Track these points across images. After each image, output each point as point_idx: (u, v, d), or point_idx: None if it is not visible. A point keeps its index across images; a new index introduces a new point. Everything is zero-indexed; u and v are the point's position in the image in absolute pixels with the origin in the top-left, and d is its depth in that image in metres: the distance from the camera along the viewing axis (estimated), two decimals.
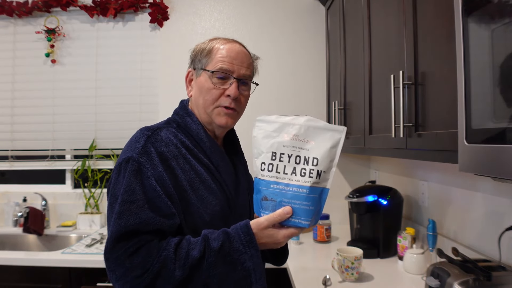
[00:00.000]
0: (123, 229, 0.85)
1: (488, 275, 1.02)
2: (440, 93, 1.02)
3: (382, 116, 1.44)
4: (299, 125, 0.89)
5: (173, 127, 1.03)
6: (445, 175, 1.60)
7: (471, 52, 0.72)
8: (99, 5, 2.50)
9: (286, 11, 2.54)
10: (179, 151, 0.97)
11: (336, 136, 0.88)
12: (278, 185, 0.88)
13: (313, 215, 0.88)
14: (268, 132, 0.90)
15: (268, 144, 0.89)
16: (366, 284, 1.47)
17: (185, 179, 0.95)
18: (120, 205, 0.87)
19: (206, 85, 1.02)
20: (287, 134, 0.89)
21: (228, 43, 1.05)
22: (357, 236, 1.93)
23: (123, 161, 0.92)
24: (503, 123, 0.65)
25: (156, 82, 2.55)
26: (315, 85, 2.52)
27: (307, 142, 0.88)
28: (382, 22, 1.46)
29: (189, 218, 0.94)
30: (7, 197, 2.57)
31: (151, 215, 0.87)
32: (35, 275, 1.87)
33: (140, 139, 0.95)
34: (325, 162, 0.87)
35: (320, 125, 0.89)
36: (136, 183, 0.88)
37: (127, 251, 0.85)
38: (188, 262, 0.85)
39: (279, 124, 0.90)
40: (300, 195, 0.86)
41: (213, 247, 0.86)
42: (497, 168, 0.65)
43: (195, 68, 1.07)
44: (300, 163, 0.87)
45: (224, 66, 1.01)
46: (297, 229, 0.89)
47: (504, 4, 0.63)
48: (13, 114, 2.60)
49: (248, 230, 0.89)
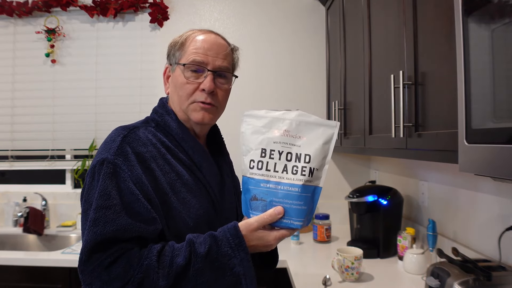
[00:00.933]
0: (99, 237, 0.78)
1: (488, 275, 1.02)
2: (440, 93, 1.02)
3: (382, 116, 1.44)
4: (290, 120, 0.84)
5: (151, 126, 0.97)
6: (445, 175, 1.60)
7: (471, 52, 0.72)
8: (99, 5, 2.50)
9: (286, 11, 2.54)
10: (158, 151, 0.90)
11: (328, 132, 0.85)
12: (269, 184, 0.83)
13: (305, 215, 0.83)
14: (257, 128, 0.85)
15: (257, 140, 0.84)
16: (366, 284, 1.47)
17: (166, 181, 0.88)
18: (95, 211, 0.79)
19: (179, 80, 0.96)
20: (278, 130, 0.84)
21: (203, 34, 0.98)
22: (357, 236, 1.93)
23: (97, 163, 0.84)
24: (503, 123, 0.65)
25: (156, 82, 2.55)
26: (315, 85, 2.52)
27: (298, 138, 0.84)
28: (382, 22, 1.46)
29: (171, 223, 0.88)
30: (7, 197, 2.57)
31: (130, 221, 0.80)
32: (35, 275, 1.87)
33: (115, 139, 0.87)
34: (317, 159, 0.83)
35: (312, 120, 0.85)
36: (112, 187, 0.81)
37: (104, 262, 0.77)
38: (172, 270, 0.78)
39: (269, 119, 0.85)
40: (292, 194, 0.82)
41: (199, 252, 0.80)
42: (497, 168, 0.65)
43: (170, 63, 1.01)
44: (291, 160, 0.83)
45: (197, 58, 0.94)
46: (288, 231, 0.84)
47: (504, 4, 0.63)
48: (13, 114, 2.60)
49: (237, 232, 0.82)
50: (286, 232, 0.84)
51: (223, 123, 1.15)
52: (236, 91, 1.26)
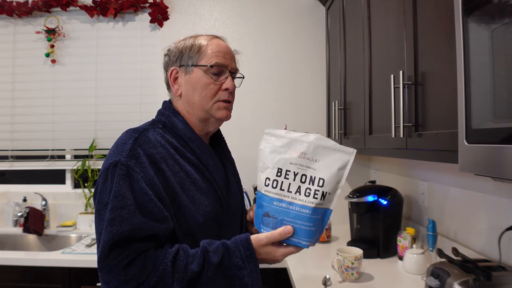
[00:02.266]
0: (116, 236, 0.82)
1: (488, 275, 1.02)
2: (440, 93, 1.02)
3: (382, 116, 1.44)
4: (308, 143, 0.87)
5: (159, 128, 1.00)
6: (445, 175, 1.60)
7: (471, 52, 0.72)
8: (99, 5, 2.50)
9: (286, 11, 2.54)
10: (167, 152, 0.94)
11: (344, 158, 0.87)
12: (281, 203, 0.86)
13: (314, 235, 0.87)
14: (276, 147, 0.88)
15: (274, 159, 0.87)
16: (366, 284, 1.47)
17: (176, 180, 0.92)
18: (110, 212, 0.84)
19: (203, 80, 1.00)
20: (295, 151, 0.87)
21: (215, 39, 1.04)
22: (357, 236, 1.93)
23: (110, 166, 0.88)
24: (503, 123, 0.65)
25: (156, 82, 2.55)
26: (315, 85, 2.52)
27: (314, 161, 0.86)
28: (382, 22, 1.46)
29: (181, 220, 0.91)
30: (7, 197, 2.57)
31: (144, 220, 0.84)
32: (35, 275, 1.87)
33: (127, 141, 0.91)
34: (331, 184, 0.86)
35: (330, 144, 0.87)
36: (126, 188, 0.85)
37: (121, 262, 0.82)
38: (186, 276, 0.83)
39: (288, 140, 0.88)
40: (302, 216, 0.85)
41: (213, 261, 0.85)
42: (497, 168, 0.65)
43: (181, 65, 1.03)
44: (305, 182, 0.86)
45: (220, 61, 1.00)
46: (296, 248, 0.88)
47: (504, 4, 0.63)
48: (13, 114, 2.60)
49: (249, 245, 0.87)
50: (293, 249, 0.88)
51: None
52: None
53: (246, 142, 2.29)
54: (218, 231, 0.97)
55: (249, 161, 1.21)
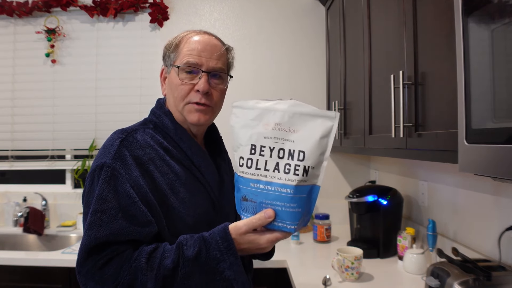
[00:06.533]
0: (93, 242, 0.79)
1: (488, 275, 1.02)
2: (440, 93, 1.02)
3: (382, 116, 1.44)
4: (282, 111, 0.75)
5: (149, 128, 0.98)
6: (445, 175, 1.60)
7: (471, 52, 0.72)
8: (99, 5, 2.50)
9: (286, 11, 2.54)
10: (156, 153, 0.91)
11: (327, 124, 0.75)
12: (259, 184, 0.75)
13: (300, 217, 0.76)
14: (247, 121, 0.77)
15: (246, 135, 0.76)
16: (366, 284, 1.47)
17: (165, 182, 0.89)
18: (91, 215, 0.81)
19: (174, 81, 0.96)
20: (268, 123, 0.75)
21: (197, 35, 0.98)
22: (357, 236, 1.93)
23: (96, 168, 0.86)
24: (503, 123, 0.65)
25: (156, 82, 2.53)
26: (315, 85, 2.52)
27: (292, 132, 0.74)
28: (382, 22, 1.46)
29: (171, 223, 0.88)
30: (7, 197, 2.57)
31: (124, 224, 0.81)
32: (35, 275, 1.87)
33: (113, 143, 0.88)
34: (313, 156, 0.73)
35: (308, 110, 0.75)
36: (109, 191, 0.82)
37: (97, 263, 0.80)
38: (160, 273, 0.78)
39: (259, 111, 0.76)
40: (284, 196, 0.74)
41: (187, 256, 0.79)
42: (497, 168, 0.65)
43: (166, 65, 1.02)
44: (283, 158, 0.74)
45: (191, 59, 0.94)
46: (282, 234, 0.78)
47: (504, 4, 0.63)
48: (13, 114, 2.60)
49: (226, 236, 0.80)
50: (279, 235, 0.78)
51: (221, 123, 1.14)
52: (236, 91, 1.26)
53: None
54: None
55: None
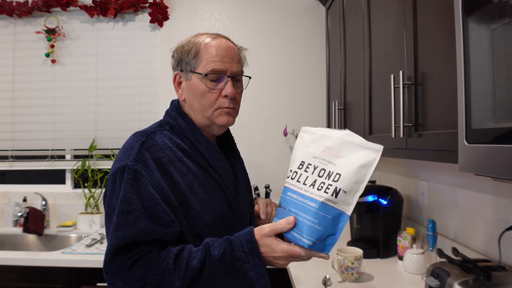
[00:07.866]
0: (121, 242, 0.82)
1: (488, 275, 1.02)
2: (440, 93, 1.02)
3: (382, 116, 1.44)
4: (335, 138, 0.84)
5: (166, 130, 0.99)
6: (445, 175, 1.60)
7: (471, 52, 0.72)
8: (99, 5, 2.50)
9: (286, 11, 2.54)
10: (175, 155, 0.93)
11: (370, 156, 0.80)
12: (294, 194, 0.83)
13: (318, 236, 0.78)
14: (306, 142, 0.88)
15: (301, 152, 0.87)
16: (366, 284, 1.47)
17: (184, 183, 0.91)
18: (117, 216, 0.84)
19: (200, 88, 0.97)
20: (320, 146, 0.85)
21: (214, 40, 0.98)
22: (357, 236, 1.93)
23: (118, 170, 0.88)
24: (503, 123, 0.65)
25: (156, 82, 2.55)
26: (315, 85, 2.52)
27: (337, 156, 0.82)
28: (382, 22, 1.46)
29: (190, 222, 0.91)
30: (7, 197, 2.57)
31: (150, 224, 0.84)
32: (35, 275, 1.87)
33: (134, 145, 0.91)
34: (347, 181, 0.78)
35: (356, 141, 0.82)
36: (133, 192, 0.85)
37: (125, 264, 0.82)
38: (188, 273, 0.81)
39: (318, 136, 0.87)
40: (308, 209, 0.79)
41: (214, 256, 0.82)
42: (497, 168, 0.65)
43: (182, 70, 1.01)
44: (322, 177, 0.81)
45: (216, 66, 0.95)
46: (300, 249, 0.80)
47: (504, 4, 0.63)
48: (13, 114, 2.60)
49: (251, 238, 0.83)
50: (296, 249, 0.80)
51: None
52: None
53: (245, 143, 2.29)
54: (227, 232, 0.95)
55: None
